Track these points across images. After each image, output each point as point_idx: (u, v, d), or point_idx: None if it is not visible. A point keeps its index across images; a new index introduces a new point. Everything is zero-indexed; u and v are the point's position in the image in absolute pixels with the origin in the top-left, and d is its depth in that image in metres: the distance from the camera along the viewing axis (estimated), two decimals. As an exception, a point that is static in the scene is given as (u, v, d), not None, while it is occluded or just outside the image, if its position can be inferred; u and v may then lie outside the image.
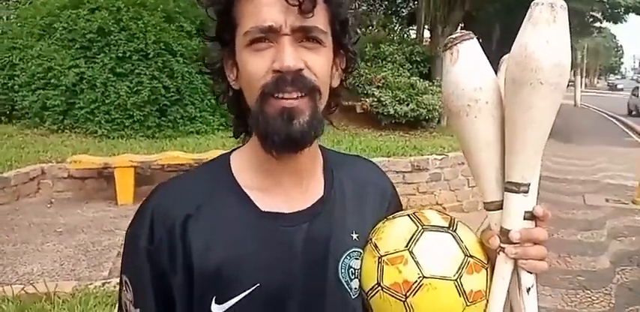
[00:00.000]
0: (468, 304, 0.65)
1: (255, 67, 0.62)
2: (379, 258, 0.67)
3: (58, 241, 3.92)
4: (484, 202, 0.69)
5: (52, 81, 6.68)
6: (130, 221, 0.70)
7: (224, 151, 0.75)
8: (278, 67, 0.61)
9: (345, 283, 0.70)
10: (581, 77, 23.65)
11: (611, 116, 18.46)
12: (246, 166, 0.70)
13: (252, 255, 0.66)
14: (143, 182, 4.96)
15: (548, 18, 0.60)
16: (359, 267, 0.70)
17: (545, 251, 0.66)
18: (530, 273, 0.66)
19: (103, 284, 2.99)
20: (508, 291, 0.67)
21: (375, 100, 7.57)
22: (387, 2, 14.62)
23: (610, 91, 45.96)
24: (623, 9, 13.37)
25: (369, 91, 7.67)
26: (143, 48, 6.74)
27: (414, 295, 0.64)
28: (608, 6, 12.57)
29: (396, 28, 11.93)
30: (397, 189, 0.84)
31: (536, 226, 0.66)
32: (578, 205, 5.91)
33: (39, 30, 7.12)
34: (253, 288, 0.65)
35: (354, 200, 0.75)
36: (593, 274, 3.87)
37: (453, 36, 0.67)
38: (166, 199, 0.68)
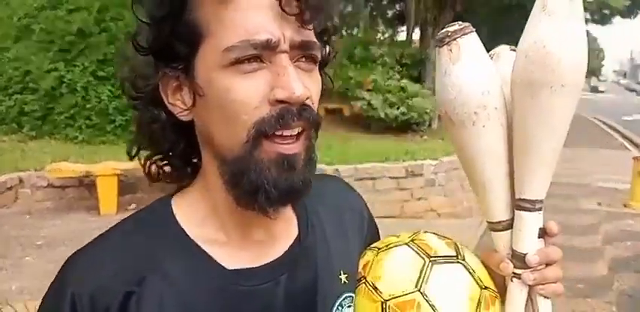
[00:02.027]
0: None
1: (244, 95, 0.48)
2: (383, 303, 0.56)
3: (37, 255, 3.76)
4: (490, 222, 0.61)
5: (30, 85, 6.64)
6: (40, 306, 0.52)
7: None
8: (284, 97, 0.47)
9: None
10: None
11: (598, 119, 18.74)
12: (197, 214, 0.55)
13: None
14: (127, 191, 4.84)
15: (565, 8, 0.52)
16: None
17: (561, 272, 0.58)
18: (547, 298, 0.59)
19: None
20: None
21: (366, 103, 7.61)
22: (371, 3, 14.66)
23: (592, 93, 47.34)
24: (609, 11, 13.58)
25: (359, 95, 7.69)
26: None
27: None
28: (596, 7, 12.77)
29: (383, 29, 11.95)
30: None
31: (546, 244, 0.58)
32: (571, 209, 5.89)
33: (15, 31, 7.03)
34: None
35: (336, 233, 0.62)
36: (592, 282, 3.81)
37: (451, 29, 0.56)
38: (91, 275, 0.51)
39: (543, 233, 0.59)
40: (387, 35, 10.70)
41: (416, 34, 10.58)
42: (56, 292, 0.51)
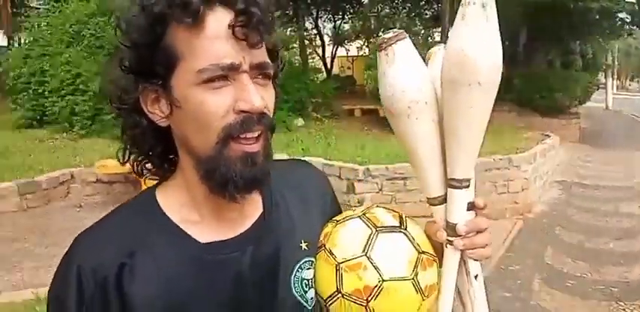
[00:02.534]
0: (424, 298, 0.67)
1: (214, 106, 0.58)
2: (337, 265, 0.66)
3: (86, 245, 4.01)
4: (428, 198, 0.71)
5: (81, 87, 6.92)
6: (53, 279, 0.63)
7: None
8: (247, 108, 0.59)
9: (299, 297, 0.68)
10: (613, 79, 23.05)
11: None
12: (177, 201, 0.66)
13: (201, 291, 0.63)
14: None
15: (481, 18, 0.60)
16: (312, 276, 0.69)
17: (490, 237, 0.69)
18: (476, 260, 0.70)
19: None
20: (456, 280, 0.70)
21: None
22: (410, 4, 14.55)
23: (641, 94, 45.09)
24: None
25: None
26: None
27: (375, 299, 0.65)
28: (637, 7, 12.26)
29: (419, 30, 11.84)
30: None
31: (476, 215, 0.69)
32: (611, 212, 5.74)
33: (68, 37, 7.40)
34: None
35: (298, 209, 0.73)
36: (627, 286, 3.73)
37: (386, 36, 0.65)
38: (92, 252, 0.62)
39: (472, 206, 0.68)
40: (421, 36, 10.61)
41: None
42: (65, 266, 0.62)
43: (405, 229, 0.69)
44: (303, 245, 0.70)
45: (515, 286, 3.74)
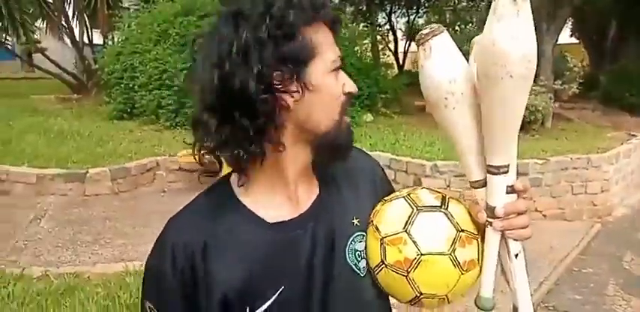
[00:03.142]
0: (463, 273, 0.72)
1: (337, 89, 0.72)
2: (381, 240, 0.74)
3: (169, 227, 4.34)
4: (470, 181, 0.75)
5: (166, 82, 7.24)
6: (151, 253, 0.75)
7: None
8: (352, 90, 0.74)
9: (353, 266, 0.77)
10: None
11: None
12: (252, 187, 0.75)
13: (270, 266, 0.72)
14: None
15: (512, 12, 0.61)
16: (364, 248, 0.78)
17: (528, 219, 0.72)
18: (517, 240, 0.73)
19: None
20: (499, 257, 0.73)
21: (472, 100, 7.28)
22: (488, -2, 13.97)
23: None
24: None
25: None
26: (246, 51, 7.10)
27: (414, 270, 0.71)
28: None
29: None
30: None
31: (518, 198, 0.72)
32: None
33: (156, 36, 7.75)
34: (279, 292, 0.72)
35: (349, 189, 0.82)
36: None
37: (424, 32, 0.70)
38: (182, 232, 0.73)
39: (513, 190, 0.71)
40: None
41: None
42: (160, 243, 0.74)
43: (446, 209, 0.74)
44: (355, 221, 0.79)
45: (586, 290, 3.61)
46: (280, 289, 0.71)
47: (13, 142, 6.18)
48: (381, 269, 0.74)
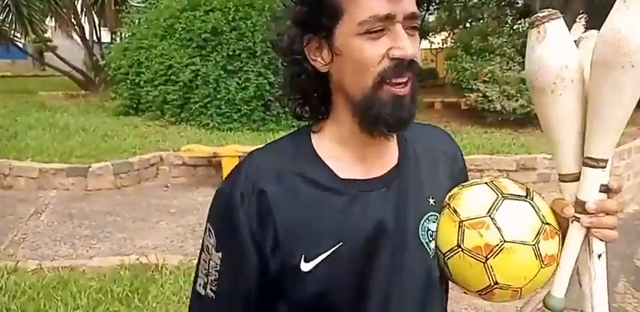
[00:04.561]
0: (543, 266, 0.69)
1: (371, 54, 0.65)
2: (460, 222, 0.71)
3: (170, 221, 4.31)
4: (560, 174, 0.72)
5: (172, 77, 7.23)
6: (225, 178, 0.77)
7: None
8: (400, 55, 0.65)
9: (425, 244, 0.74)
10: None
11: None
12: (326, 139, 0.75)
13: (333, 216, 0.70)
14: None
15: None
16: (435, 230, 0.74)
17: (616, 221, 0.69)
18: (602, 240, 0.70)
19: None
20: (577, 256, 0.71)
21: (481, 95, 7.21)
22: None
23: None
24: None
25: (474, 86, 7.33)
26: (251, 46, 7.07)
27: (494, 257, 0.68)
28: None
29: (508, 19, 11.24)
30: None
31: (608, 198, 0.69)
32: None
33: (162, 31, 7.74)
34: (337, 246, 0.69)
35: (428, 167, 0.79)
36: None
37: (540, 15, 0.68)
38: (257, 164, 0.74)
39: (607, 189, 0.69)
40: (509, 25, 10.05)
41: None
42: (237, 169, 0.74)
43: (532, 200, 0.71)
44: (431, 201, 0.76)
45: (595, 287, 3.51)
46: (338, 244, 0.69)
47: (18, 137, 6.21)
48: (456, 253, 0.71)
